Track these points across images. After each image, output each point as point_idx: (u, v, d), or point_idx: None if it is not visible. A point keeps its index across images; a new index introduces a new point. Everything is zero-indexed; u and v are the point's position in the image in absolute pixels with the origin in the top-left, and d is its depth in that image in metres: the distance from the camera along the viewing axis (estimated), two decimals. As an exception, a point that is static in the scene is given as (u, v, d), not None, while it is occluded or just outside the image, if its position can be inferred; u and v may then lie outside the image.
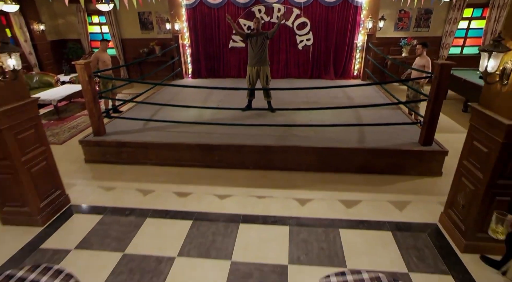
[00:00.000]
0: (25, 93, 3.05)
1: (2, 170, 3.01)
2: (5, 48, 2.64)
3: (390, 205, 3.63)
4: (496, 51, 2.27)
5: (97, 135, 4.63)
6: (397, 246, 3.02)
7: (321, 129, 4.64)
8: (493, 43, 2.29)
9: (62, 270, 1.93)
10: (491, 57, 2.31)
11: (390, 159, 4.20)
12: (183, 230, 3.28)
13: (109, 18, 8.85)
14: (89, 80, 4.28)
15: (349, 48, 7.81)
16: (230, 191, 3.94)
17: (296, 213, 3.52)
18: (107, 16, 8.82)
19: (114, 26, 9.05)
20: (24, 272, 1.89)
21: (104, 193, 3.99)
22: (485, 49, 2.31)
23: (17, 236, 3.18)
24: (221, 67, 8.38)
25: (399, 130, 4.61)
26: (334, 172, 4.27)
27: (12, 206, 3.24)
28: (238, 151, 4.37)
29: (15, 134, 2.94)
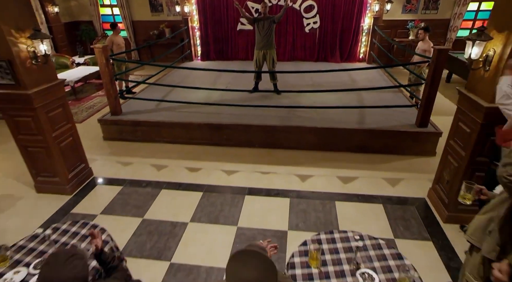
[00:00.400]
0: (53, 75, 3.39)
1: (36, 144, 3.40)
2: (37, 35, 2.95)
3: (384, 181, 3.94)
4: (479, 40, 2.49)
5: (114, 115, 4.99)
6: (386, 216, 3.36)
7: (323, 111, 4.91)
8: (477, 33, 2.51)
9: (97, 225, 2.33)
10: (474, 45, 2.54)
11: (387, 139, 4.47)
12: (194, 200, 3.67)
13: (120, 0, 9.02)
14: (106, 63, 4.60)
15: (355, 31, 7.90)
16: (237, 167, 4.30)
17: (297, 187, 3.87)
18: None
19: (125, 8, 9.23)
20: (67, 226, 2.30)
21: (122, 167, 4.39)
22: (470, 38, 2.53)
23: (50, 203, 3.61)
24: (229, 49, 8.58)
25: (398, 112, 4.85)
26: (334, 150, 4.58)
27: (44, 176, 3.65)
28: (245, 130, 4.69)
29: (46, 112, 3.31)
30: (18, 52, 2.93)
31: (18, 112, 3.21)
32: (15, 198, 3.72)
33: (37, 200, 3.70)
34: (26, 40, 2.98)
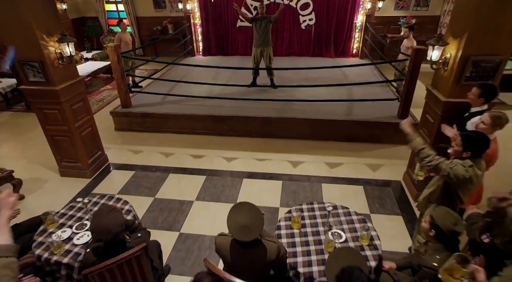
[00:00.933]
0: (76, 73, 3.89)
1: (61, 134, 3.91)
2: (64, 39, 3.44)
3: (366, 167, 4.46)
4: (437, 45, 2.97)
5: (124, 107, 5.49)
6: (365, 196, 3.89)
7: (315, 103, 5.39)
8: (436, 38, 2.99)
9: (121, 198, 2.85)
10: (434, 49, 3.02)
11: (371, 129, 4.97)
12: (198, 182, 4.20)
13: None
14: (118, 60, 5.07)
15: (349, 28, 8.33)
16: (236, 154, 4.81)
17: (289, 171, 4.39)
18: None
19: (129, 5, 9.63)
20: (97, 199, 2.83)
21: (134, 154, 4.91)
22: (430, 43, 3.01)
23: (73, 185, 4.14)
24: (229, 45, 9.02)
25: (383, 105, 5.33)
26: (324, 140, 5.08)
27: (68, 162, 4.18)
28: (244, 121, 5.19)
29: (70, 105, 3.81)
30: (48, 54, 3.42)
31: (47, 106, 3.71)
32: (42, 180, 4.26)
33: (61, 182, 4.23)
34: (55, 43, 3.47)
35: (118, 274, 1.99)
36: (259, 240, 1.88)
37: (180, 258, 3.08)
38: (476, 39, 2.75)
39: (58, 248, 2.28)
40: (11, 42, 3.34)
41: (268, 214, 3.52)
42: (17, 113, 6.46)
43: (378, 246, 2.31)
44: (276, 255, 1.89)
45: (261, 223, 1.77)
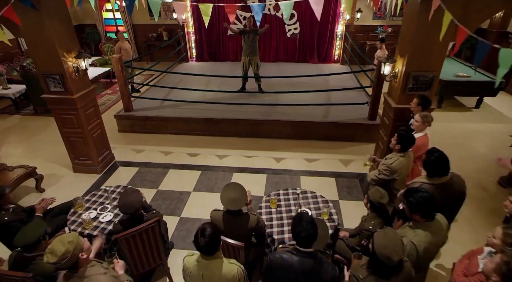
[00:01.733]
0: (89, 83, 4.52)
1: (76, 135, 4.55)
2: (81, 55, 4.08)
3: (339, 162, 5.20)
4: (387, 62, 3.72)
5: (127, 111, 6.12)
6: (336, 186, 4.62)
7: (297, 107, 6.10)
8: (387, 57, 3.73)
9: (132, 187, 3.51)
10: (386, 65, 3.77)
11: (345, 130, 5.71)
12: (195, 176, 4.87)
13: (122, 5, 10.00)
14: (121, 70, 5.71)
15: (330, 36, 9.09)
16: (227, 152, 5.50)
17: (273, 166, 5.10)
18: (120, 3, 9.94)
19: (125, 13, 10.22)
20: (113, 188, 3.49)
21: (137, 153, 5.56)
22: (383, 61, 3.75)
23: (86, 179, 4.78)
24: (220, 51, 9.70)
25: (355, 108, 6.07)
26: (304, 139, 5.80)
27: (81, 159, 4.81)
28: (234, 123, 5.88)
29: (84, 111, 4.44)
30: (67, 68, 4.05)
31: (65, 111, 4.34)
32: (57, 176, 4.88)
33: (75, 177, 4.86)
34: (73, 59, 4.11)
35: (138, 240, 2.66)
36: (244, 212, 2.58)
37: (182, 236, 3.76)
38: (414, 59, 3.50)
39: (89, 224, 2.94)
40: (37, 58, 3.96)
41: (254, 201, 4.22)
42: (26, 117, 7.03)
43: (335, 219, 3.03)
44: (256, 223, 2.59)
45: (245, 197, 2.47)
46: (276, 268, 1.94)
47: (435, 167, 2.47)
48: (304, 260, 1.87)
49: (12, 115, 7.07)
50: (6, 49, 8.05)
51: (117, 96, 8.03)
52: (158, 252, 2.90)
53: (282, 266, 1.91)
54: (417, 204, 2.08)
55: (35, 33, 3.74)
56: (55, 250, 1.77)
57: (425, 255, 2.03)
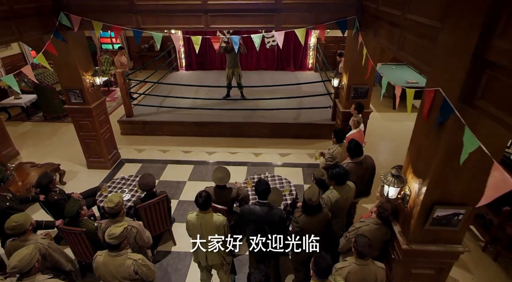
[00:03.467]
0: (100, 95, 5.57)
1: (91, 138, 5.58)
2: (96, 73, 5.14)
3: (306, 156, 6.39)
4: (335, 77, 4.92)
5: (128, 117, 7.16)
6: (302, 174, 5.80)
7: (273, 111, 7.26)
8: (335, 73, 4.93)
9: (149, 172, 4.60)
10: (335, 79, 4.96)
11: (312, 129, 6.91)
12: (189, 169, 5.97)
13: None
14: (124, 82, 6.76)
15: (305, 48, 10.33)
16: (215, 149, 6.62)
17: (252, 160, 6.25)
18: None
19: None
20: (128, 176, 4.56)
21: (139, 152, 6.61)
22: (331, 76, 4.95)
23: (99, 174, 5.81)
24: (208, 61, 10.80)
25: (321, 111, 7.27)
26: (279, 137, 6.97)
27: (94, 158, 5.84)
28: (220, 125, 7.00)
29: (98, 118, 5.48)
30: (85, 83, 5.09)
31: (82, 119, 5.37)
32: (74, 172, 5.89)
33: (89, 172, 5.89)
34: (89, 76, 5.15)
35: (152, 209, 3.76)
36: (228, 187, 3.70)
37: (180, 214, 4.86)
38: (353, 75, 4.73)
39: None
40: (62, 77, 5.00)
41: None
42: (36, 123, 7.96)
43: (294, 193, 4.20)
44: (236, 194, 3.71)
45: (229, 176, 3.60)
46: (245, 213, 3.07)
47: (353, 150, 3.67)
48: (263, 207, 3.02)
49: (24, 122, 7.99)
50: (13, 63, 8.93)
51: (116, 103, 9.06)
52: (166, 220, 4.01)
53: (249, 212, 3.05)
54: (333, 175, 3.26)
55: (62, 58, 4.76)
56: (113, 200, 2.87)
57: (337, 204, 3.19)
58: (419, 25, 2.48)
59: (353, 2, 4.36)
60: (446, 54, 2.03)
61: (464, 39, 1.82)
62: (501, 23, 1.58)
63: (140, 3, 4.50)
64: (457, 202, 2.26)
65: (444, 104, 2.00)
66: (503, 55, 1.57)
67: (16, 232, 2.69)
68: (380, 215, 2.82)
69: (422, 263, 2.68)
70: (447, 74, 2.02)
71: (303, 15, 4.65)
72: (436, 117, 2.09)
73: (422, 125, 2.39)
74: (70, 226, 3.39)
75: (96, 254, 2.60)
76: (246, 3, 4.53)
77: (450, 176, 2.17)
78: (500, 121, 1.62)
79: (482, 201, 1.64)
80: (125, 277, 2.53)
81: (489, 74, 1.70)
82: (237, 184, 3.98)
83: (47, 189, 3.84)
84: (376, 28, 3.69)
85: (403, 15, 2.81)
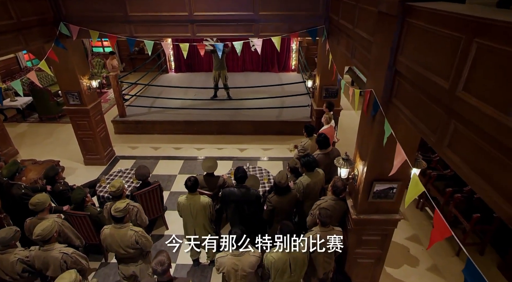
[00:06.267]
0: (97, 97, 6.07)
1: (88, 136, 6.07)
2: (92, 77, 5.64)
3: (287, 150, 7.00)
4: (309, 79, 5.54)
5: (121, 117, 7.66)
6: (282, 166, 6.40)
7: (257, 110, 7.86)
8: (309, 75, 5.55)
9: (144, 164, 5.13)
10: (309, 80, 5.59)
11: (292, 126, 7.53)
12: (179, 164, 6.52)
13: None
14: (117, 84, 7.25)
15: (287, 50, 10.96)
16: (203, 146, 7.18)
17: (237, 155, 6.83)
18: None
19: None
20: (124, 169, 5.10)
21: (132, 149, 7.12)
22: (306, 78, 5.57)
23: (95, 169, 6.30)
24: (196, 63, 11.33)
25: (302, 109, 7.87)
26: (262, 134, 7.57)
27: (90, 155, 6.34)
28: (208, 124, 7.56)
29: (94, 118, 5.98)
30: (82, 86, 5.59)
31: (80, 119, 5.87)
32: (73, 168, 6.37)
33: (87, 168, 6.38)
34: (86, 80, 5.65)
35: (148, 197, 4.31)
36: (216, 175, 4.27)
37: (172, 203, 5.40)
38: (323, 76, 5.36)
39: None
40: (62, 80, 5.48)
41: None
42: (32, 124, 8.37)
43: (271, 181, 4.80)
44: (222, 182, 4.28)
45: (216, 165, 4.17)
46: (226, 195, 3.66)
47: (322, 143, 4.29)
48: (241, 189, 3.61)
49: (20, 123, 8.39)
50: (8, 66, 9.30)
51: (108, 105, 9.51)
52: (159, 206, 4.56)
53: (229, 193, 3.64)
54: (304, 163, 3.87)
55: (62, 64, 5.25)
56: (115, 185, 3.41)
57: (308, 188, 3.79)
58: (363, 38, 3.10)
59: (321, 13, 4.98)
60: (375, 63, 2.66)
61: (383, 52, 2.44)
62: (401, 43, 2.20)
63: (133, 14, 5.02)
64: (390, 178, 2.89)
65: (374, 101, 2.62)
66: (403, 67, 2.19)
67: (38, 208, 3.22)
68: (335, 192, 3.44)
69: (369, 230, 3.30)
70: (375, 78, 2.64)
71: (278, 25, 5.24)
72: (370, 111, 2.72)
73: (364, 118, 3.01)
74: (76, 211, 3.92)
75: (103, 227, 3.14)
76: (228, 14, 5.10)
77: (383, 157, 2.79)
78: (404, 115, 2.24)
79: (393, 170, 2.28)
80: (128, 245, 3.08)
81: (398, 80, 2.33)
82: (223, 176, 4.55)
83: (53, 180, 4.35)
84: (338, 38, 4.32)
85: (353, 29, 3.44)
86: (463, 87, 1.49)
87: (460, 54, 1.50)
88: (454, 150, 1.62)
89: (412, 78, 2.08)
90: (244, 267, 2.85)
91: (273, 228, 3.73)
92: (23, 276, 2.97)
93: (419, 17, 1.95)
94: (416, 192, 1.89)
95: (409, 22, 2.07)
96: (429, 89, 1.84)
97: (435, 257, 4.40)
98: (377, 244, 3.41)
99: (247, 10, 5.07)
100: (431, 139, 1.86)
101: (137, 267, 3.30)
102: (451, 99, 1.57)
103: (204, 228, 3.75)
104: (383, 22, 2.44)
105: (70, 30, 4.98)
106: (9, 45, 4.19)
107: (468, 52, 1.44)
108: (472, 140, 1.48)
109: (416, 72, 1.97)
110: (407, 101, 2.23)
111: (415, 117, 2.07)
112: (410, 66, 2.07)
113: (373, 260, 3.55)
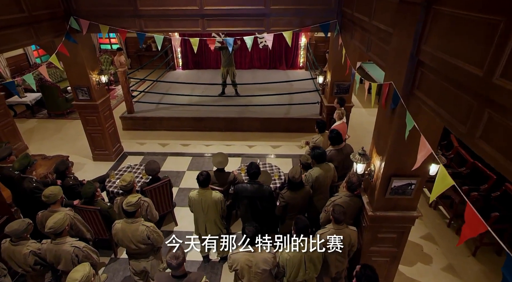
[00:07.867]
0: (105, 92, 6.05)
1: (97, 132, 6.05)
2: (102, 72, 5.61)
3: (296, 147, 6.92)
4: (320, 75, 5.46)
5: (129, 113, 7.64)
6: (292, 164, 6.33)
7: (265, 107, 7.79)
8: (320, 71, 5.47)
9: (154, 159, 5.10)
10: (320, 76, 5.50)
11: (301, 123, 7.45)
12: (187, 161, 6.48)
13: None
14: (125, 80, 7.23)
15: (296, 47, 10.86)
16: (211, 142, 7.13)
17: (246, 151, 6.77)
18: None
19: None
20: (133, 164, 5.06)
21: (140, 145, 7.09)
22: (317, 74, 5.48)
23: (104, 165, 6.28)
24: (203, 60, 11.28)
25: (310, 106, 7.80)
26: (271, 131, 7.50)
27: (99, 150, 6.32)
28: (216, 120, 7.51)
29: (103, 113, 5.96)
30: (92, 82, 5.57)
31: (89, 114, 5.85)
32: (81, 164, 6.36)
33: (95, 164, 6.36)
34: (96, 75, 5.62)
35: (158, 192, 4.27)
36: (226, 171, 4.21)
37: (181, 199, 5.37)
38: (335, 72, 5.27)
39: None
40: (71, 75, 5.46)
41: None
42: (41, 120, 8.39)
43: (282, 178, 4.73)
44: (233, 178, 4.22)
45: (227, 160, 4.11)
46: (239, 191, 3.60)
47: (335, 139, 4.21)
48: (254, 185, 3.55)
49: (29, 119, 8.42)
50: (17, 63, 9.34)
51: (116, 101, 9.51)
52: (169, 202, 4.52)
53: (242, 189, 3.58)
54: (313, 155, 3.80)
55: (72, 58, 5.23)
56: (125, 179, 3.37)
57: (317, 180, 3.72)
58: (380, 30, 3.02)
59: (334, 7, 4.89)
60: (395, 55, 2.57)
61: (404, 42, 2.36)
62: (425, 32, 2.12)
63: (143, 8, 4.98)
64: (409, 174, 2.81)
65: (394, 94, 2.54)
66: (427, 56, 2.11)
67: (50, 200, 3.20)
68: (349, 188, 3.36)
69: (386, 227, 3.22)
70: (395, 70, 2.56)
71: (290, 19, 5.17)
72: (390, 104, 2.64)
73: (381, 112, 2.93)
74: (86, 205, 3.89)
75: (115, 222, 3.10)
76: (238, 9, 5.04)
77: (402, 151, 2.71)
78: (428, 106, 2.16)
79: (416, 164, 2.19)
80: (139, 241, 3.04)
81: (421, 71, 2.25)
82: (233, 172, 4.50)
83: (64, 175, 4.33)
84: (352, 31, 4.23)
85: (370, 22, 3.35)
86: (501, 73, 1.41)
87: (498, 39, 1.41)
88: (488, 140, 1.54)
89: (437, 68, 1.99)
90: (259, 263, 2.78)
91: (285, 224, 3.67)
92: (35, 269, 2.94)
93: (447, 3, 1.86)
94: (443, 186, 1.81)
95: (435, 9, 1.99)
96: (458, 77, 1.76)
97: (449, 256, 4.30)
98: (393, 242, 3.32)
99: (258, 4, 5.02)
100: (459, 130, 1.78)
101: (148, 263, 3.26)
102: (487, 87, 1.49)
103: (215, 223, 3.70)
104: (405, 12, 2.35)
105: (80, 24, 4.95)
106: (20, 39, 4.17)
107: (508, 37, 1.36)
108: (510, 129, 1.39)
109: (443, 60, 1.89)
110: (431, 92, 2.14)
111: (441, 108, 1.99)
112: (436, 55, 1.99)
113: (388, 259, 3.47)
